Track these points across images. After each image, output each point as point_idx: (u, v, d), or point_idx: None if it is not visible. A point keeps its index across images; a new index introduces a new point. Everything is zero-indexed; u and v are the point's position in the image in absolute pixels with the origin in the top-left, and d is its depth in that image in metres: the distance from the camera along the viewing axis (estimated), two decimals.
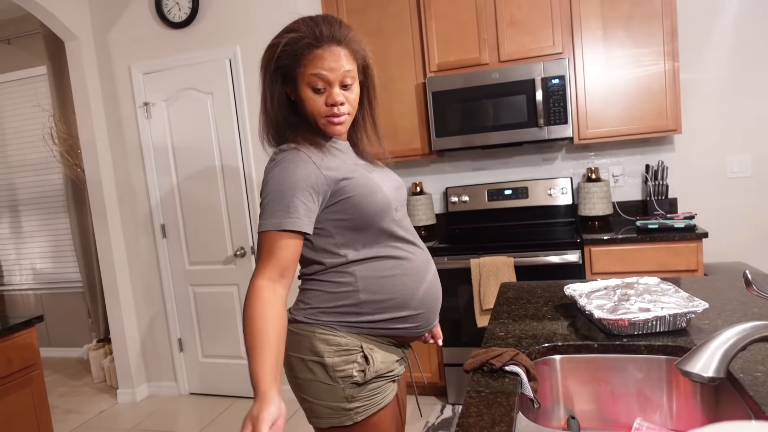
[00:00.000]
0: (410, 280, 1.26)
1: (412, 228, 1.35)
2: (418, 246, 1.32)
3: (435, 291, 1.33)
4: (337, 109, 1.20)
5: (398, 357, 1.31)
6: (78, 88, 3.32)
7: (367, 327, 1.24)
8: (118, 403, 3.49)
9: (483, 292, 2.69)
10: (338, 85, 1.19)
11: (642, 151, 3.06)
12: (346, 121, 1.24)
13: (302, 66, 1.18)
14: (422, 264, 1.30)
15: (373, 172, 1.27)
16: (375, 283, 1.23)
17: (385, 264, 1.24)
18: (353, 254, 1.22)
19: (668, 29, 2.66)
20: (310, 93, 1.19)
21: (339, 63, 1.17)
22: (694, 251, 2.52)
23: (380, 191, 1.21)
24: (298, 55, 1.17)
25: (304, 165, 1.15)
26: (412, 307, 1.26)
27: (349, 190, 1.18)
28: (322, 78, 1.17)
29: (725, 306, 1.36)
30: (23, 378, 2.21)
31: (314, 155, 1.18)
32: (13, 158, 4.43)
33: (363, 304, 1.22)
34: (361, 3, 3.08)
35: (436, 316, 1.35)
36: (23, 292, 4.59)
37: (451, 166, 3.39)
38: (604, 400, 1.20)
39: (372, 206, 1.20)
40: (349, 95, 1.22)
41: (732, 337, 0.75)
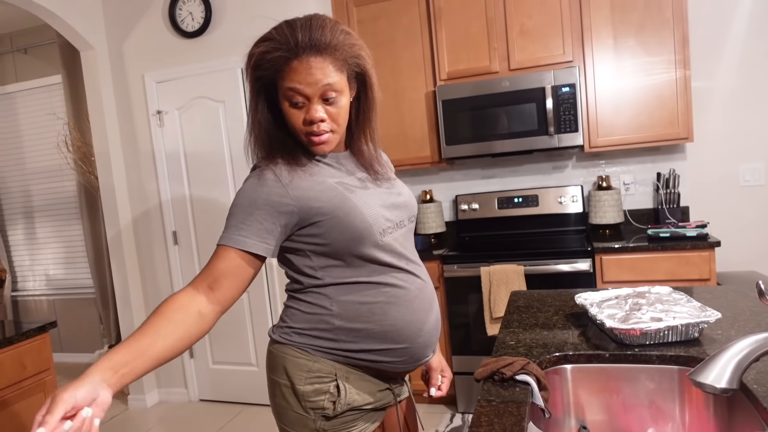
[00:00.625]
0: (393, 310, 1.13)
1: (410, 251, 1.22)
2: (412, 273, 1.18)
3: (425, 324, 1.18)
4: (317, 126, 1.08)
5: (381, 388, 1.20)
6: (92, 96, 3.37)
7: (342, 355, 1.14)
8: (128, 409, 3.51)
9: (493, 300, 2.68)
10: (318, 100, 1.07)
11: (653, 159, 3.05)
12: (330, 139, 1.11)
13: (280, 78, 1.07)
14: (413, 293, 1.16)
15: (368, 189, 1.16)
16: (351, 310, 1.12)
17: (365, 290, 1.12)
18: (329, 277, 1.12)
19: (679, 38, 2.65)
20: (289, 107, 1.08)
21: (318, 76, 1.04)
22: (706, 260, 2.50)
23: (359, 215, 1.09)
24: (275, 67, 1.06)
25: (269, 184, 1.07)
26: (392, 339, 1.13)
27: (322, 213, 1.08)
28: (298, 92, 1.05)
29: (738, 316, 1.35)
30: (37, 383, 2.24)
31: (284, 174, 1.08)
32: (29, 165, 4.49)
33: (337, 330, 1.12)
34: (373, 13, 3.10)
35: (425, 352, 1.20)
36: (36, 298, 4.64)
37: (461, 174, 3.39)
38: (616, 410, 1.19)
39: (347, 233, 1.08)
40: (333, 110, 1.09)
41: (745, 347, 0.75)
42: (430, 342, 1.21)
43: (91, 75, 3.35)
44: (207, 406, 3.44)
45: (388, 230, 1.14)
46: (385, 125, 3.16)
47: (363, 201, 1.11)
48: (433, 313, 1.21)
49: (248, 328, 3.33)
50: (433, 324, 1.21)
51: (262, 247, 1.07)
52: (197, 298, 1.02)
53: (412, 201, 1.27)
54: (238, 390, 3.41)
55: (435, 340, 1.23)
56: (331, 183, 1.11)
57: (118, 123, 3.44)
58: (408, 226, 1.23)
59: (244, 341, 3.35)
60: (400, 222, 1.20)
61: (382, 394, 1.20)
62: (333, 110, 1.09)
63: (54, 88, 4.30)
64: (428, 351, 1.21)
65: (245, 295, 3.31)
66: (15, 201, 4.59)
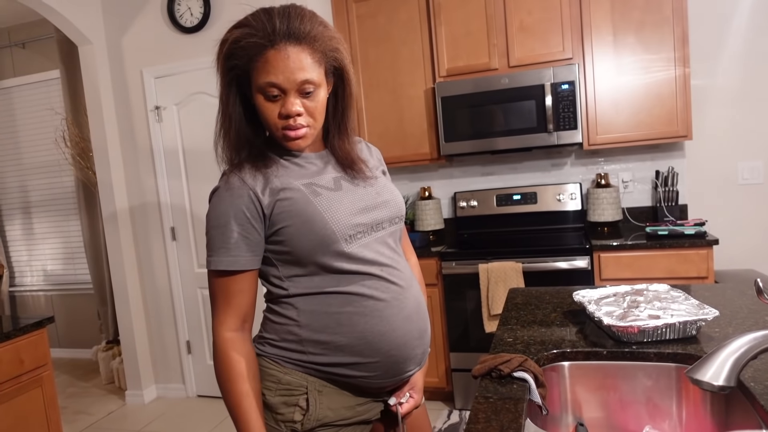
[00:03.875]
0: (363, 320, 1.05)
1: (388, 256, 1.11)
2: (386, 279, 1.08)
3: (403, 335, 1.08)
4: (293, 120, 1.02)
5: (358, 403, 1.13)
6: (90, 91, 3.36)
7: (312, 368, 1.08)
8: (126, 405, 3.51)
9: (491, 297, 2.69)
10: (295, 93, 1.01)
11: (652, 157, 3.05)
12: (307, 134, 1.05)
13: (254, 69, 1.00)
14: (387, 302, 1.07)
15: (339, 190, 1.09)
16: (318, 320, 1.06)
17: (332, 300, 1.06)
18: (295, 287, 1.07)
19: (679, 35, 2.65)
20: (263, 101, 1.02)
21: (295, 66, 0.98)
22: (704, 258, 2.51)
23: (320, 221, 1.02)
24: (250, 55, 0.99)
25: (238, 192, 1.03)
26: (362, 353, 1.06)
27: (283, 218, 1.03)
28: (274, 84, 0.99)
29: (736, 314, 1.35)
30: (34, 378, 2.23)
31: (249, 177, 1.04)
32: (26, 161, 4.48)
33: (304, 342, 1.07)
34: (372, 9, 3.09)
35: (405, 366, 1.11)
36: (34, 293, 4.64)
37: (459, 171, 3.39)
38: (613, 407, 1.19)
39: (308, 240, 1.02)
40: (310, 104, 1.03)
41: (743, 345, 0.75)
42: (411, 355, 1.11)
43: (89, 70, 3.34)
44: (204, 402, 3.44)
45: (356, 236, 1.06)
46: (384, 122, 3.16)
47: (328, 205, 1.04)
48: (414, 323, 1.11)
49: None
50: (415, 334, 1.11)
51: (259, 258, 1.06)
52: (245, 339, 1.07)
53: (396, 201, 1.17)
54: None
55: (418, 352, 1.13)
56: (297, 186, 1.05)
57: (116, 118, 3.43)
58: (388, 228, 1.14)
59: None
60: (377, 225, 1.11)
61: (363, 408, 1.14)
62: (310, 104, 1.03)
63: (52, 83, 4.28)
64: (409, 365, 1.12)
65: None
66: (13, 196, 4.58)
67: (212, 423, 3.12)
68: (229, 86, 1.05)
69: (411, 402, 1.19)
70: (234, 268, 1.03)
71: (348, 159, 1.14)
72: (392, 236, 1.15)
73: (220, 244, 1.03)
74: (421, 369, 1.20)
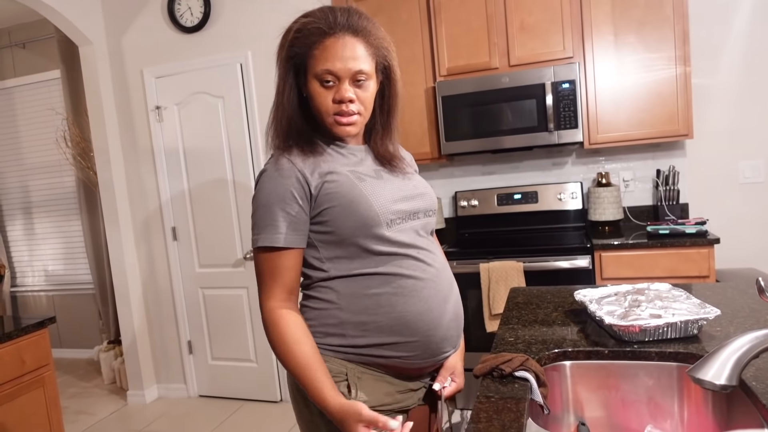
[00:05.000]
0: (401, 301, 1.09)
1: (423, 242, 1.17)
2: (423, 261, 1.13)
3: (440, 316, 1.12)
4: (346, 106, 1.08)
5: (398, 390, 1.16)
6: (91, 91, 3.36)
7: (352, 352, 1.11)
8: (128, 405, 3.51)
9: (492, 296, 2.68)
10: (349, 81, 1.08)
11: (653, 155, 3.05)
12: (358, 121, 1.11)
13: (312, 56, 1.07)
14: (424, 283, 1.12)
15: (381, 179, 1.15)
16: (357, 302, 1.09)
17: (371, 281, 1.09)
18: (336, 269, 1.11)
19: (680, 34, 2.64)
20: (318, 87, 1.08)
21: (352, 55, 1.06)
22: (705, 257, 2.50)
23: (365, 203, 1.07)
24: (309, 42, 1.06)
25: (287, 174, 1.08)
26: (401, 332, 1.09)
27: (329, 199, 1.08)
28: (330, 70, 1.06)
29: (737, 313, 1.35)
30: (36, 378, 2.24)
31: (298, 160, 1.09)
32: (27, 161, 4.48)
33: (344, 324, 1.10)
34: (372, 8, 3.09)
35: (442, 347, 1.15)
36: (35, 294, 4.64)
37: (460, 171, 3.38)
38: (615, 406, 1.19)
39: (352, 220, 1.07)
40: (362, 93, 1.10)
41: (745, 344, 0.75)
42: (448, 335, 1.15)
43: (90, 70, 3.34)
44: (206, 402, 3.44)
45: (396, 221, 1.11)
46: None
47: (372, 190, 1.10)
48: (450, 304, 1.16)
49: (247, 324, 3.33)
50: (451, 316, 1.16)
51: (304, 238, 1.10)
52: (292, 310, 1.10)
53: (431, 195, 1.23)
54: (237, 386, 3.41)
55: (454, 333, 1.17)
56: (343, 171, 1.11)
57: (117, 118, 3.44)
58: (423, 219, 1.19)
59: (243, 337, 3.35)
60: (414, 213, 1.16)
61: (402, 396, 1.16)
62: (362, 94, 1.10)
63: (52, 83, 4.28)
64: (446, 346, 1.16)
65: (244, 291, 3.31)
66: (14, 196, 4.58)
67: (214, 423, 3.12)
68: (286, 75, 1.10)
69: (453, 386, 1.23)
70: (282, 245, 1.07)
71: (388, 155, 1.21)
72: (425, 228, 1.20)
73: (268, 222, 1.07)
74: (457, 352, 1.24)
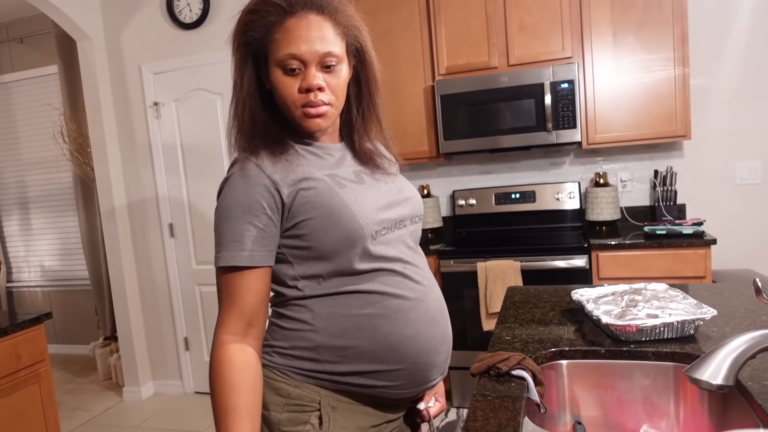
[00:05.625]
0: (386, 323, 0.95)
1: (411, 255, 1.03)
2: (410, 278, 0.99)
3: (429, 340, 0.99)
4: (314, 95, 0.93)
5: (375, 423, 1.03)
6: (89, 87, 3.35)
7: (327, 379, 0.97)
8: (123, 401, 3.51)
9: (489, 295, 2.69)
10: (317, 66, 0.93)
11: (651, 156, 3.05)
12: (328, 112, 0.96)
13: (272, 41, 0.92)
14: (411, 303, 0.98)
15: (362, 183, 1.00)
16: (335, 324, 0.95)
17: (352, 300, 0.95)
18: (311, 288, 0.96)
19: (679, 35, 2.65)
20: (282, 75, 0.93)
21: (318, 35, 0.91)
22: (702, 258, 2.51)
23: (347, 214, 0.93)
24: (267, 25, 0.92)
25: (255, 180, 0.92)
26: (385, 359, 0.95)
27: (306, 210, 0.93)
28: (295, 55, 0.91)
29: (734, 313, 1.36)
30: (32, 374, 2.23)
31: (267, 164, 0.94)
32: (24, 156, 4.46)
33: (320, 348, 0.95)
34: (371, 6, 3.09)
35: (430, 375, 1.01)
36: (31, 289, 4.63)
37: (458, 170, 3.39)
38: (611, 406, 1.19)
39: (333, 234, 0.93)
40: (332, 80, 0.95)
41: (741, 345, 0.75)
42: (436, 362, 1.01)
43: (88, 66, 3.33)
44: (202, 398, 3.44)
45: (381, 232, 0.97)
46: None
47: (354, 197, 0.96)
48: (439, 326, 1.02)
49: None
50: (440, 340, 1.02)
51: (272, 255, 0.95)
52: (245, 347, 0.92)
53: (417, 199, 1.10)
54: None
55: (443, 358, 1.03)
56: (320, 176, 0.96)
57: (114, 114, 3.42)
58: (409, 227, 1.05)
59: None
60: (400, 221, 1.03)
61: (377, 429, 1.04)
62: (332, 80, 0.95)
63: (50, 78, 4.27)
64: (434, 374, 1.02)
65: None
66: (10, 191, 4.56)
67: (210, 419, 3.12)
68: (243, 66, 0.96)
69: (438, 406, 1.15)
70: (247, 264, 0.91)
71: (368, 152, 1.07)
72: (412, 236, 1.07)
73: (231, 237, 0.92)
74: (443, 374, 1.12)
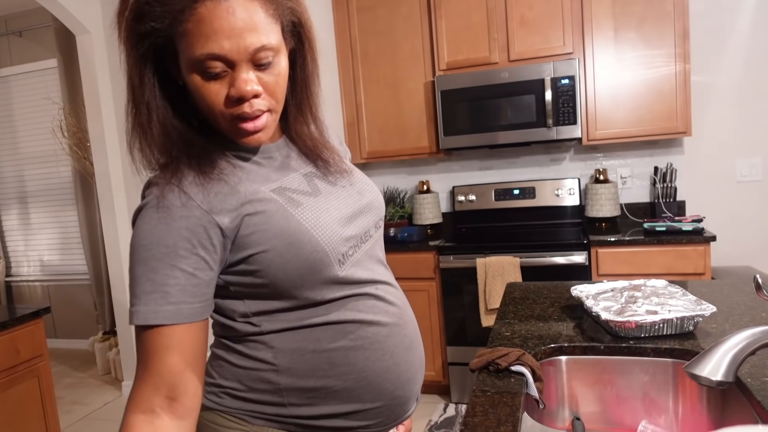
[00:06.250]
0: (363, 357, 0.81)
1: (379, 270, 0.88)
2: (383, 299, 0.85)
3: (407, 369, 0.86)
4: (248, 106, 0.72)
5: None
6: (88, 81, 3.34)
7: (293, 422, 0.81)
8: (122, 396, 3.51)
9: (488, 291, 2.69)
10: (248, 65, 0.71)
11: (651, 152, 3.05)
12: (268, 122, 0.76)
13: (181, 34, 0.68)
14: (388, 329, 0.84)
15: (318, 194, 0.83)
16: (303, 363, 0.79)
17: (321, 333, 0.80)
18: (270, 323, 0.80)
19: (680, 31, 2.64)
20: (200, 80, 0.71)
21: (245, 25, 0.68)
22: (701, 254, 2.51)
23: (308, 241, 0.76)
24: (172, 12, 0.67)
25: (179, 212, 0.71)
26: (361, 397, 0.82)
27: (256, 242, 0.74)
28: (216, 55, 0.68)
29: (733, 310, 1.36)
30: (31, 368, 2.23)
31: (194, 189, 0.73)
32: (23, 150, 4.46)
33: (285, 391, 0.80)
34: (372, 2, 3.08)
35: (407, 406, 0.89)
36: (30, 284, 4.63)
37: (458, 165, 3.38)
38: (610, 402, 1.19)
39: (293, 268, 0.75)
40: (270, 79, 0.73)
41: (741, 341, 0.75)
42: (414, 392, 0.89)
43: (87, 59, 3.32)
44: None
45: (348, 253, 0.81)
46: (383, 115, 3.15)
47: (314, 218, 0.78)
48: (416, 352, 0.89)
49: None
50: (417, 366, 0.90)
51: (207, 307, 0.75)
52: (159, 425, 0.70)
53: (378, 199, 0.94)
54: None
55: (419, 385, 0.91)
56: (266, 194, 0.77)
57: (113, 108, 3.41)
58: (374, 236, 0.91)
59: None
60: (365, 234, 0.87)
61: None
62: (270, 79, 0.73)
63: (49, 72, 4.25)
64: (411, 404, 0.90)
65: None
66: (9, 186, 4.56)
67: None
68: (141, 63, 0.72)
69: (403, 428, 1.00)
70: (175, 322, 0.70)
71: (316, 148, 0.88)
72: (378, 244, 0.93)
73: (151, 287, 0.71)
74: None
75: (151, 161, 0.76)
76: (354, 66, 3.16)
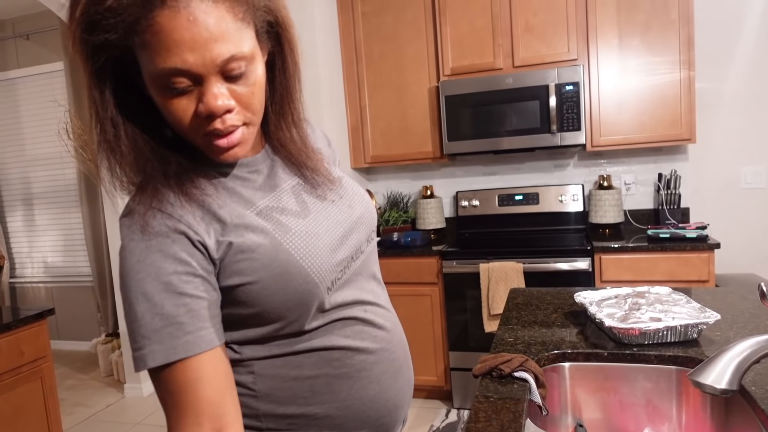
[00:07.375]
0: (347, 385, 0.78)
1: (369, 290, 0.84)
2: (371, 323, 0.81)
3: (394, 396, 0.83)
4: (221, 122, 0.66)
5: None
6: None
7: None
8: (125, 398, 3.51)
9: (491, 297, 2.69)
10: (217, 77, 0.64)
11: (655, 159, 3.04)
12: (244, 137, 0.69)
13: (141, 46, 0.61)
14: (380, 356, 0.81)
15: (308, 213, 0.78)
16: (284, 390, 0.76)
17: (304, 360, 0.76)
18: (252, 351, 0.76)
19: (685, 38, 2.64)
20: (165, 96, 0.64)
21: (210, 34, 0.61)
22: (705, 262, 2.50)
23: (297, 273, 0.72)
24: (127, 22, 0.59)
25: (171, 236, 0.67)
26: (344, 426, 0.78)
27: (242, 272, 0.70)
28: (179, 71, 0.61)
29: (737, 318, 1.35)
30: (34, 369, 2.24)
31: (180, 212, 0.69)
32: (29, 152, 4.48)
33: (265, 417, 0.77)
34: (377, 6, 3.09)
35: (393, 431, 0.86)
36: (34, 285, 4.64)
37: (462, 170, 3.38)
38: (613, 409, 1.19)
39: (280, 298, 0.72)
40: (243, 90, 0.66)
41: (746, 349, 0.75)
42: (400, 417, 0.86)
43: None
44: None
45: (338, 278, 0.78)
46: (387, 119, 3.16)
47: (305, 247, 0.74)
48: (404, 376, 0.86)
49: None
50: (406, 389, 0.86)
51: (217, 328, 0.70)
52: None
53: (370, 210, 0.88)
54: None
55: (407, 409, 0.88)
56: (252, 219, 0.72)
57: None
58: (366, 251, 0.86)
59: None
60: (357, 252, 0.83)
61: None
62: (243, 91, 0.66)
63: (55, 74, 4.28)
64: (396, 429, 0.87)
65: None
66: (15, 188, 4.58)
67: None
68: (99, 77, 0.64)
69: None
70: (198, 351, 0.66)
71: (301, 156, 0.82)
72: (372, 257, 0.89)
73: (162, 322, 0.65)
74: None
75: (123, 181, 0.70)
76: (359, 70, 3.18)
